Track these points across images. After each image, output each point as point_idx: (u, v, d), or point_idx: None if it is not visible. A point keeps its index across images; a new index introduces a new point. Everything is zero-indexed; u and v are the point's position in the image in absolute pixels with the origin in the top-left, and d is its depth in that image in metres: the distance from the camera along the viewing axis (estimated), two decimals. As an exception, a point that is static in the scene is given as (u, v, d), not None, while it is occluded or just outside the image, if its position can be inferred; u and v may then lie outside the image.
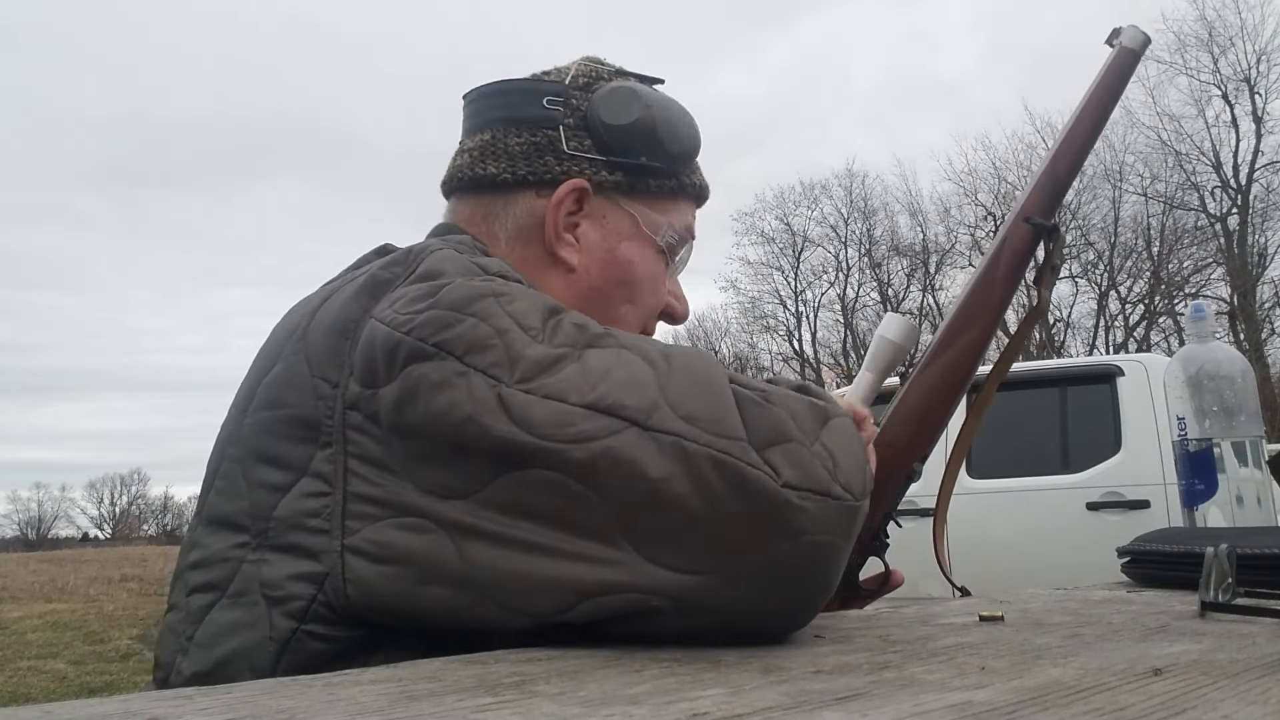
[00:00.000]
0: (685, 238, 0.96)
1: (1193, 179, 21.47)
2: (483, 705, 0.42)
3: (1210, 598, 0.70)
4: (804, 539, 0.59)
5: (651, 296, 0.95)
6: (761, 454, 0.59)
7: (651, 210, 0.93)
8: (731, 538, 0.58)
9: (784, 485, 0.58)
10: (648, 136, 0.91)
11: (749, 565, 0.58)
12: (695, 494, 0.58)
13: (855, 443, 0.65)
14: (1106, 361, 5.52)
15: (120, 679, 6.82)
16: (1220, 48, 20.60)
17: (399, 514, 0.63)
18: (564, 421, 0.59)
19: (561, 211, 0.90)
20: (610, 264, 0.92)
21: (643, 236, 0.93)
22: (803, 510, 0.58)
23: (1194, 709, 0.40)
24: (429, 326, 0.65)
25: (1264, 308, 20.56)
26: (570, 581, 0.59)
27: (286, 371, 0.72)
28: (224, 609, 0.68)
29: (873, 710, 0.39)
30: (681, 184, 0.94)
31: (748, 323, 27.56)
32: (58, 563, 16.52)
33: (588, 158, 0.91)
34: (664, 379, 0.62)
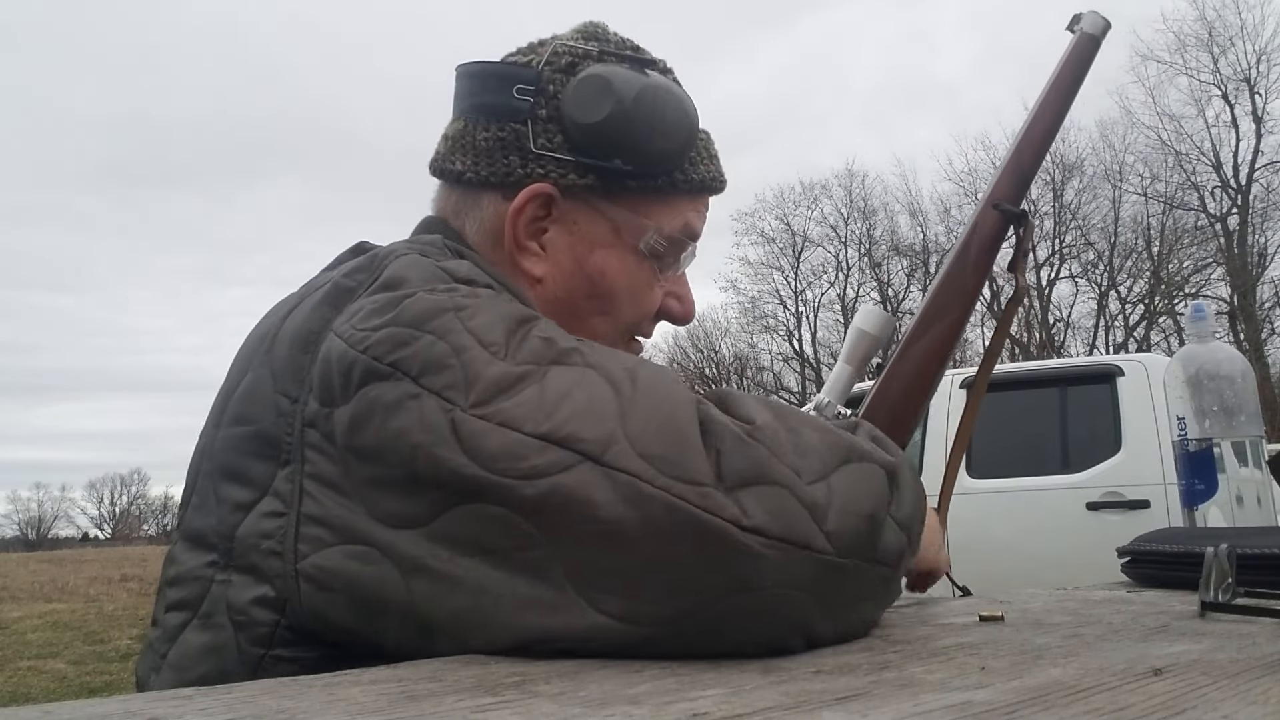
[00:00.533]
0: (681, 239, 0.87)
1: (1193, 179, 21.48)
2: (483, 705, 0.42)
3: (1210, 598, 0.70)
4: (763, 591, 0.54)
5: (631, 307, 0.87)
6: (731, 493, 0.54)
7: (634, 213, 0.84)
8: (684, 586, 0.54)
9: (748, 530, 0.53)
10: (621, 135, 0.80)
11: (701, 615, 0.54)
12: (647, 538, 0.53)
13: (872, 495, 0.58)
14: (1106, 361, 5.53)
15: (120, 679, 6.82)
16: (1220, 48, 20.62)
17: (348, 540, 0.60)
18: (516, 454, 0.56)
19: (522, 220, 0.83)
20: (578, 275, 0.85)
21: (622, 243, 0.85)
22: (763, 559, 0.53)
23: (1194, 709, 0.40)
24: (385, 344, 0.62)
25: (1264, 308, 20.56)
26: (508, 626, 0.55)
27: (253, 384, 0.70)
28: (195, 630, 0.67)
29: (873, 710, 0.39)
30: (674, 182, 0.85)
31: (748, 323, 27.59)
32: (58, 563, 16.52)
33: (555, 158, 0.82)
34: (626, 407, 0.57)
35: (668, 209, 0.86)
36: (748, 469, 0.55)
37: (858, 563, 0.56)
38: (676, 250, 0.88)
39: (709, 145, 0.89)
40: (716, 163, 0.90)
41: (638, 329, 0.90)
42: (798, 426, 0.60)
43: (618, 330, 0.88)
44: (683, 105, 0.84)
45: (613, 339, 0.87)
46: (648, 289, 0.88)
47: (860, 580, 0.57)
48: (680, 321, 0.93)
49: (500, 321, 0.63)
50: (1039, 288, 23.19)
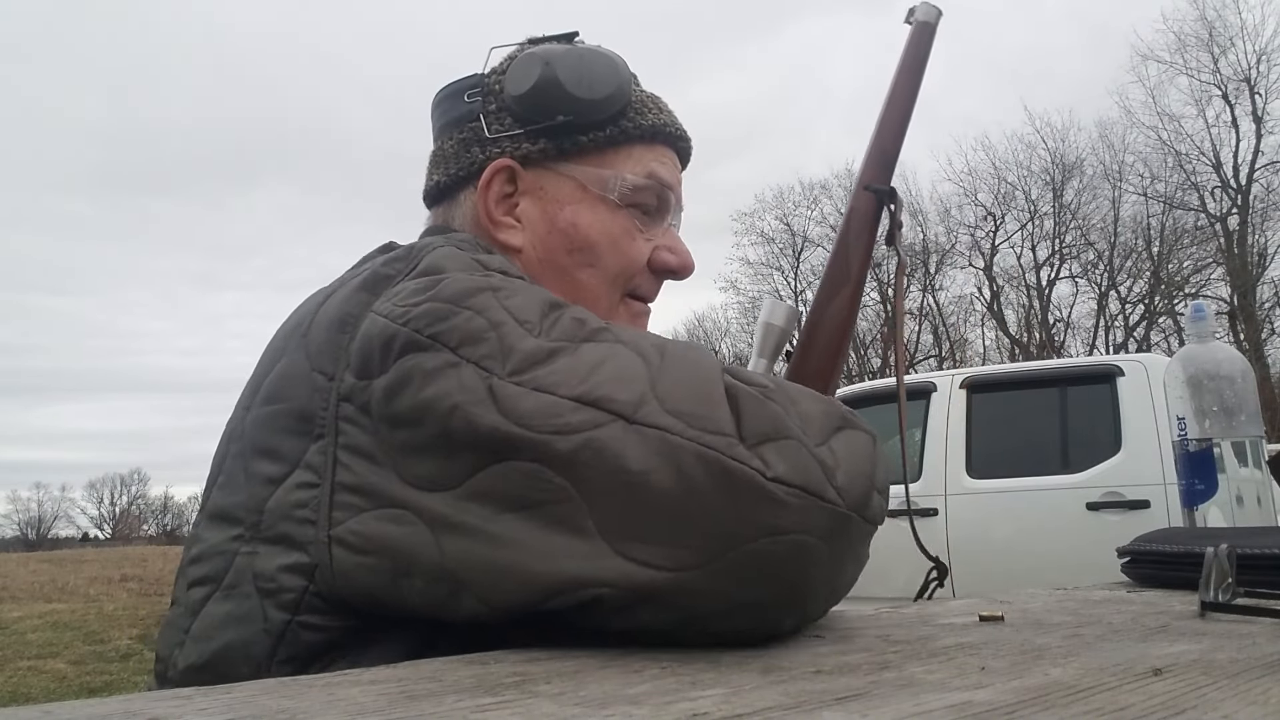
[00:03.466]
0: (651, 185, 0.92)
1: (1193, 179, 21.49)
2: (483, 705, 0.42)
3: (1210, 598, 0.70)
4: (785, 537, 0.57)
5: (615, 255, 0.91)
6: (754, 448, 0.57)
7: (594, 166, 0.90)
8: (712, 531, 0.56)
9: (772, 479, 0.56)
10: (555, 93, 0.88)
11: (727, 560, 0.56)
12: (678, 487, 0.56)
13: (867, 459, 0.62)
14: (1106, 361, 5.52)
15: (120, 679, 6.83)
16: (1220, 48, 20.62)
17: (381, 505, 0.63)
18: (551, 413, 0.59)
19: (490, 196, 0.90)
20: (554, 234, 0.90)
21: (590, 196, 0.90)
22: (786, 506, 0.56)
23: (1194, 709, 0.40)
24: (425, 318, 0.65)
25: (1264, 308, 20.57)
26: (539, 575, 0.57)
27: (288, 366, 0.72)
28: (219, 602, 0.69)
29: (873, 710, 0.39)
30: (623, 130, 0.90)
31: (748, 323, 27.55)
32: (58, 563, 16.52)
33: (509, 136, 0.90)
34: (655, 373, 0.61)
35: (626, 157, 0.91)
36: (767, 426, 0.59)
37: (859, 518, 0.59)
38: (650, 195, 0.92)
39: (658, 102, 0.94)
40: (669, 115, 0.95)
41: (630, 283, 0.92)
42: (798, 396, 0.64)
43: (607, 281, 0.91)
44: (609, 59, 0.91)
45: (605, 293, 0.91)
46: (629, 237, 0.91)
47: (858, 535, 0.60)
48: (678, 274, 0.95)
49: (535, 303, 0.67)
50: (1039, 287, 23.21)
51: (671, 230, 0.95)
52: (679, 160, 0.97)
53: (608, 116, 0.89)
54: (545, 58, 0.88)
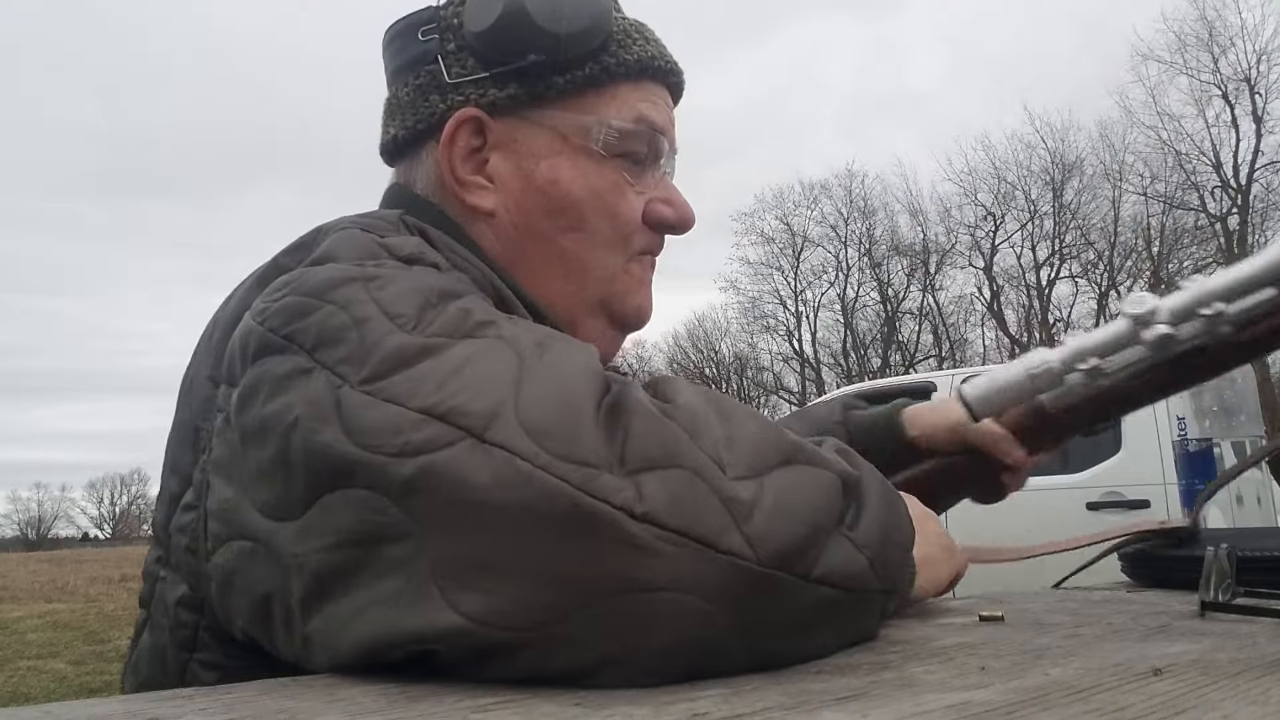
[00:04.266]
0: (641, 130, 0.79)
1: (1193, 179, 21.50)
2: (482, 705, 0.42)
3: (1210, 597, 0.70)
4: (653, 594, 0.45)
5: (603, 216, 0.78)
6: (631, 476, 0.46)
7: (573, 112, 0.77)
8: (555, 583, 0.45)
9: (639, 518, 0.45)
10: (523, 28, 0.74)
11: (578, 619, 0.45)
12: (520, 526, 0.46)
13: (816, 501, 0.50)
14: (1106, 361, 5.52)
15: (120, 679, 6.82)
16: (1220, 47, 20.64)
17: (238, 535, 0.55)
18: (395, 429, 0.49)
19: (455, 154, 0.77)
20: (530, 193, 0.77)
21: (570, 147, 0.77)
22: (657, 554, 0.45)
23: (1194, 709, 0.40)
24: (281, 315, 0.57)
25: (1264, 308, 20.53)
26: (372, 627, 0.48)
27: (192, 373, 0.67)
28: (149, 631, 0.66)
29: (873, 710, 0.39)
30: (605, 67, 0.77)
31: (748, 323, 27.61)
32: (58, 562, 16.52)
33: (472, 80, 0.76)
34: (524, 376, 0.50)
35: (609, 99, 0.78)
36: (654, 450, 0.48)
37: (787, 577, 0.48)
38: (639, 142, 0.79)
39: (644, 30, 0.82)
40: (657, 45, 0.82)
41: (630, 242, 0.81)
42: (734, 415, 0.52)
43: (601, 245, 0.79)
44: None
45: (603, 258, 0.79)
46: (618, 193, 0.79)
47: (791, 600, 0.48)
48: (678, 228, 0.83)
49: (416, 293, 0.57)
50: (1039, 287, 23.21)
51: (666, 179, 0.83)
52: (670, 97, 0.84)
53: (586, 53, 0.76)
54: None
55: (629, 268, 0.81)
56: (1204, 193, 21.29)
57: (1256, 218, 20.70)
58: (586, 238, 0.79)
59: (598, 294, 0.80)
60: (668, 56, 0.82)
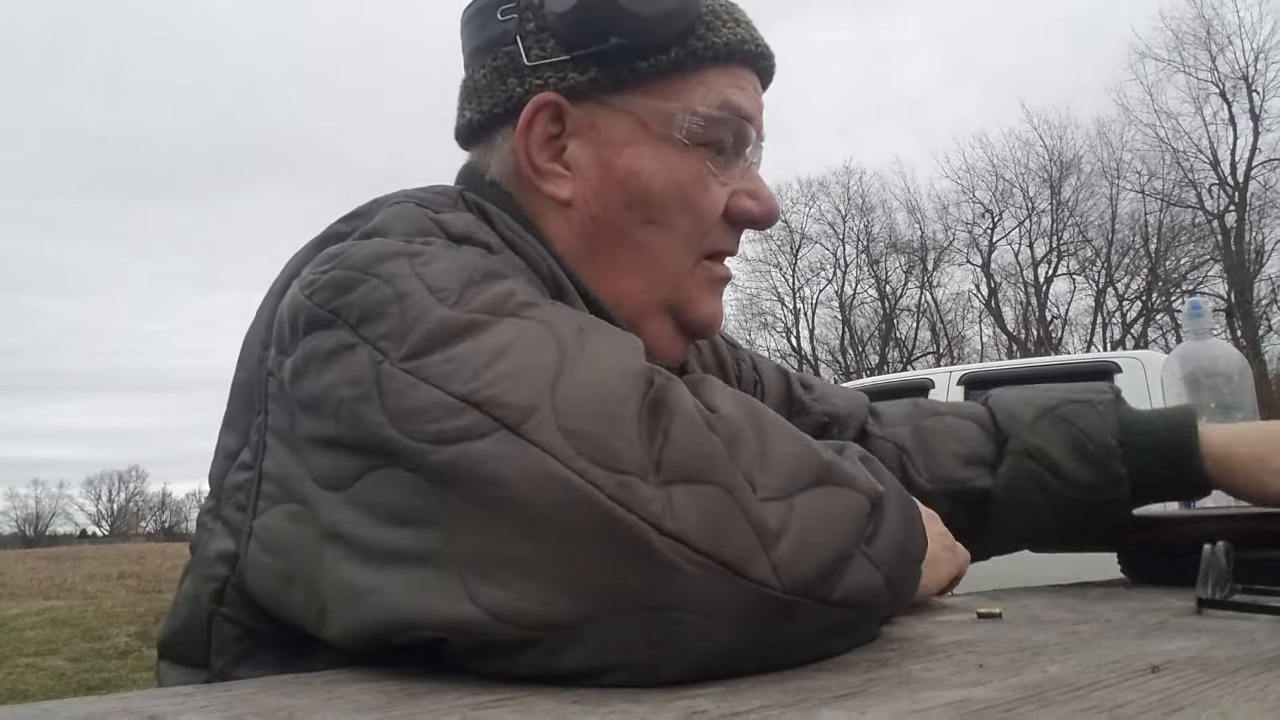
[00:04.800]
0: (725, 117, 0.75)
1: (1190, 176, 21.50)
2: (482, 703, 0.42)
3: (1208, 595, 0.70)
4: (676, 614, 0.45)
5: (684, 210, 0.75)
6: (664, 487, 0.46)
7: (656, 98, 0.74)
8: (577, 589, 0.45)
9: (669, 534, 0.45)
10: (606, 9, 0.71)
11: (589, 629, 0.45)
12: (548, 526, 0.46)
13: (846, 527, 0.50)
14: (1104, 358, 5.52)
15: (119, 676, 6.82)
16: (1218, 45, 20.63)
17: (290, 499, 0.57)
18: (433, 415, 0.49)
19: (533, 141, 0.75)
20: (609, 184, 0.75)
21: (652, 136, 0.74)
22: (683, 574, 0.45)
23: (1192, 706, 0.40)
24: (329, 289, 0.57)
25: (1261, 304, 20.59)
26: (387, 608, 0.48)
27: (250, 330, 0.67)
28: (190, 577, 0.67)
29: (871, 708, 0.39)
30: (692, 51, 0.74)
31: (745, 320, 27.57)
32: (56, 559, 16.50)
33: (551, 64, 0.74)
34: (564, 370, 0.50)
35: (695, 84, 0.75)
36: (693, 461, 0.47)
37: (809, 602, 0.48)
38: (725, 130, 0.75)
39: (734, 11, 0.78)
40: (748, 27, 0.78)
41: (706, 239, 0.77)
42: (769, 431, 0.52)
43: (679, 241, 0.76)
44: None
45: (679, 255, 0.77)
46: (701, 186, 0.75)
47: (808, 621, 0.49)
48: (760, 222, 0.79)
49: (460, 270, 0.57)
50: (1036, 284, 23.23)
51: (753, 170, 0.79)
52: (759, 83, 0.80)
53: (673, 36, 0.73)
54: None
55: (697, 270, 0.78)
56: (1201, 190, 21.31)
57: (1254, 215, 20.73)
58: (664, 232, 0.76)
59: (666, 294, 0.77)
60: (758, 39, 0.78)
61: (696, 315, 0.79)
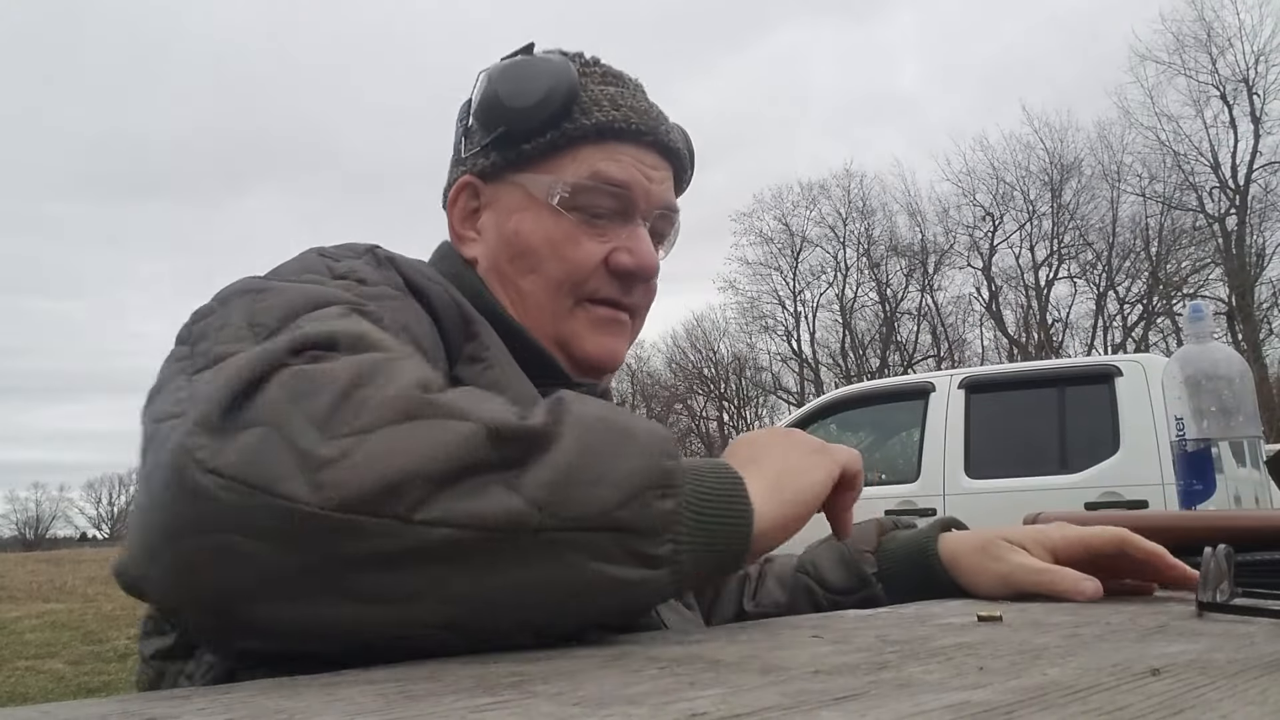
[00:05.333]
0: (592, 185, 0.91)
1: (1191, 179, 21.53)
2: (481, 705, 0.42)
3: (1208, 598, 0.70)
4: (211, 537, 0.50)
5: (556, 261, 0.92)
6: (228, 436, 0.51)
7: (539, 173, 0.93)
8: (144, 529, 0.53)
9: (211, 470, 0.50)
10: (495, 106, 0.92)
11: (165, 557, 0.52)
12: (142, 483, 0.54)
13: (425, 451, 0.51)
14: (1105, 362, 5.53)
15: (118, 679, 6.82)
16: (1219, 48, 20.68)
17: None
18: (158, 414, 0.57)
19: (456, 214, 0.98)
20: (499, 243, 0.94)
21: (536, 204, 0.92)
22: (214, 500, 0.49)
23: (1192, 709, 0.40)
24: (193, 314, 0.67)
25: (1262, 308, 20.61)
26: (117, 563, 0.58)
27: None
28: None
29: (871, 710, 0.39)
30: (564, 133, 0.91)
31: (746, 323, 27.62)
32: (56, 562, 16.50)
33: (472, 154, 0.96)
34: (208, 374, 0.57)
35: (570, 159, 0.92)
36: (258, 412, 0.52)
37: (373, 520, 0.49)
38: (596, 197, 0.92)
39: (616, 97, 0.94)
40: (627, 110, 0.94)
41: (585, 285, 0.93)
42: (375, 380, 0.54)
43: (550, 287, 0.92)
44: (545, 64, 0.92)
45: (549, 299, 0.93)
46: (572, 243, 0.92)
47: (393, 540, 0.50)
48: (632, 275, 0.93)
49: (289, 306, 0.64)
50: (1037, 288, 23.23)
51: (639, 230, 0.94)
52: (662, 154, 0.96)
53: (546, 121, 0.91)
54: (490, 73, 0.94)
55: (577, 311, 0.93)
56: (1202, 193, 21.33)
57: (1254, 218, 20.75)
58: (540, 279, 0.92)
59: (550, 331, 0.93)
60: (635, 119, 0.93)
61: (580, 350, 0.94)
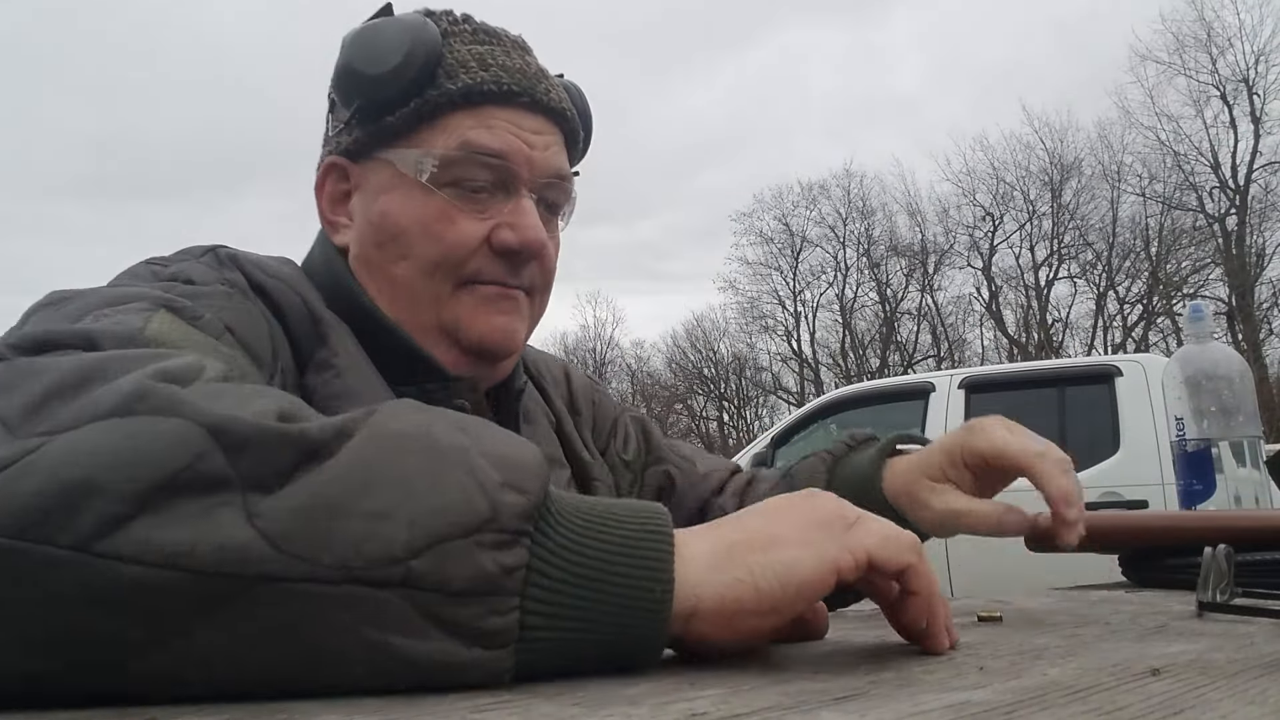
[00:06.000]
0: (461, 156, 0.80)
1: (1191, 179, 21.52)
2: (481, 705, 0.42)
3: (1208, 598, 0.70)
4: None
5: (428, 243, 0.81)
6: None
7: (406, 147, 0.81)
8: None
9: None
10: (352, 76, 0.81)
11: None
12: None
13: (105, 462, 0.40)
14: (1105, 362, 5.53)
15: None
16: (1219, 48, 20.67)
17: None
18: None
19: (324, 199, 0.87)
20: (368, 226, 0.83)
21: (405, 182, 0.81)
22: None
23: (1192, 709, 0.40)
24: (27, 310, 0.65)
25: (1262, 308, 20.61)
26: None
27: None
28: None
29: (871, 710, 0.39)
30: (428, 101, 0.80)
31: (746, 323, 27.59)
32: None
33: (336, 132, 0.85)
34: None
35: (440, 130, 0.81)
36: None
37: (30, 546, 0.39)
38: (470, 169, 0.81)
39: (485, 55, 0.82)
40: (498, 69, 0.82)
41: (464, 267, 0.82)
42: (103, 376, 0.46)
43: (424, 272, 0.82)
44: (401, 25, 0.81)
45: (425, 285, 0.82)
46: (446, 222, 0.81)
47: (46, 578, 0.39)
48: (517, 251, 0.82)
49: (82, 308, 0.61)
50: (1037, 288, 23.25)
51: (524, 203, 0.82)
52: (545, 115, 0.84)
53: (407, 88, 0.80)
54: (344, 43, 0.83)
55: (461, 294, 0.83)
56: (1202, 193, 21.32)
57: (1255, 218, 20.74)
58: (413, 264, 0.82)
59: (431, 320, 0.83)
60: (505, 80, 0.82)
61: (470, 334, 0.84)
